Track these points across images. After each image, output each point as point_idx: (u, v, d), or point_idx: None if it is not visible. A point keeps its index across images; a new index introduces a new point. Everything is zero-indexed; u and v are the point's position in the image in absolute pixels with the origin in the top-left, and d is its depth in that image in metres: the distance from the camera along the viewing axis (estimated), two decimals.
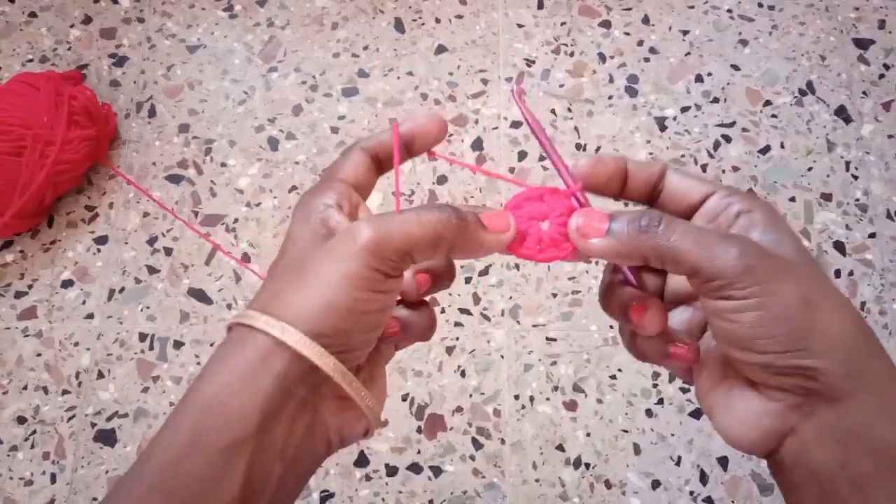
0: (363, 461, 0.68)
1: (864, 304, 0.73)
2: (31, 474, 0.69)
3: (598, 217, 0.29)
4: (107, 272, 0.76)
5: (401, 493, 0.67)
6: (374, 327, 0.28)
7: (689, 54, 0.84)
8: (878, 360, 0.26)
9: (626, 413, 0.69)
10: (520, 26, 0.86)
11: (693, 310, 0.32)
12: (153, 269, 0.76)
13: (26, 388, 0.72)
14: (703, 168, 0.78)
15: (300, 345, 0.25)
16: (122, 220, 0.78)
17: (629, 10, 0.86)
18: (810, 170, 0.78)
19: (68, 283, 0.76)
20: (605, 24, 0.86)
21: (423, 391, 0.71)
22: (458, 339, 0.72)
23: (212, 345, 0.73)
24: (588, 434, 0.69)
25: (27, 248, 0.78)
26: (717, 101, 0.81)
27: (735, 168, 0.78)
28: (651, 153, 0.79)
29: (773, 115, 0.81)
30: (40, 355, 0.73)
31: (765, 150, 0.79)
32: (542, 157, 0.79)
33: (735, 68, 0.83)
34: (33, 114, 0.73)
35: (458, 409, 0.70)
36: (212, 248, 0.77)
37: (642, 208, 0.30)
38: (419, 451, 0.69)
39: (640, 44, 0.85)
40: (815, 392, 0.25)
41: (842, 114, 0.80)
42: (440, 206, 0.28)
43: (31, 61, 0.86)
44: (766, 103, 0.81)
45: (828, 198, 0.77)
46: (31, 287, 0.76)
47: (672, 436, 0.68)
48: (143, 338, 0.73)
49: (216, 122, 0.83)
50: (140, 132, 0.82)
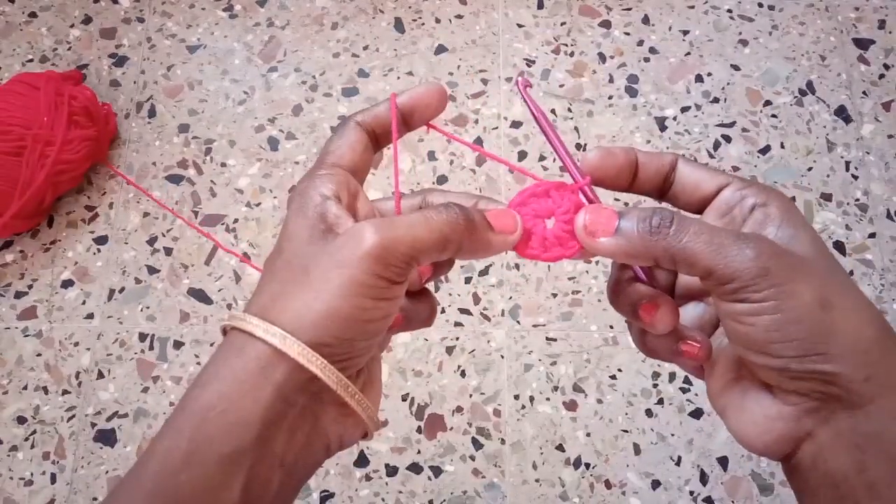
0: (363, 461, 0.68)
1: None
2: (31, 474, 0.69)
3: (607, 214, 0.28)
4: (107, 272, 0.76)
5: (401, 493, 0.67)
6: (376, 333, 0.27)
7: (689, 54, 0.84)
8: None
9: (626, 413, 0.69)
10: (520, 26, 0.86)
11: (705, 306, 0.31)
12: (153, 269, 0.76)
13: (26, 388, 0.72)
14: None
15: (302, 357, 0.25)
16: (122, 220, 0.78)
17: (629, 10, 0.86)
18: (810, 170, 0.78)
19: (68, 283, 0.76)
20: (605, 24, 0.86)
21: (423, 391, 0.70)
22: (458, 339, 0.72)
23: (212, 345, 0.73)
24: (588, 434, 0.69)
25: (27, 248, 0.78)
26: (717, 101, 0.81)
27: (735, 168, 0.78)
28: None
29: (773, 115, 0.81)
30: (40, 355, 0.73)
31: (765, 150, 0.79)
32: (542, 157, 0.79)
33: (735, 68, 0.83)
34: (33, 114, 0.73)
35: (458, 409, 0.70)
36: (212, 248, 0.77)
37: (653, 205, 0.29)
38: (419, 451, 0.69)
39: (640, 44, 0.85)
40: (833, 397, 0.25)
41: (842, 114, 0.80)
42: (447, 206, 0.27)
43: (31, 61, 0.86)
44: (766, 103, 0.81)
45: (828, 198, 0.77)
46: (31, 287, 0.76)
47: (672, 436, 0.68)
48: (143, 338, 0.73)
49: (216, 122, 0.83)
50: (140, 132, 0.82)
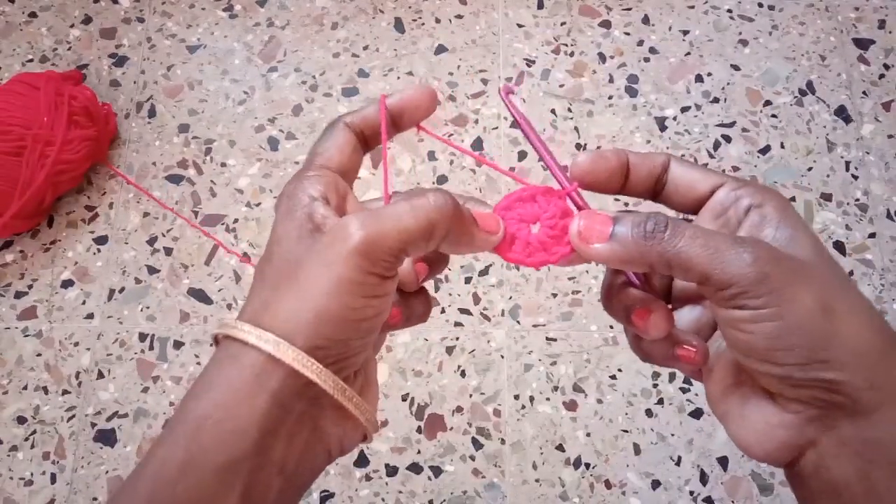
0: (363, 461, 0.68)
1: None
2: (31, 474, 0.69)
3: (602, 220, 0.27)
4: (107, 272, 0.76)
5: (401, 493, 0.67)
6: (371, 331, 0.26)
7: (689, 54, 0.84)
8: None
9: (627, 413, 0.69)
10: (520, 26, 0.86)
11: (702, 308, 0.30)
12: (153, 269, 0.76)
13: (26, 388, 0.72)
14: None
15: (297, 362, 0.24)
16: (122, 220, 0.78)
17: (629, 10, 0.86)
18: (810, 170, 0.78)
19: (68, 283, 0.76)
20: (605, 24, 0.86)
21: (423, 391, 0.70)
22: (458, 339, 0.72)
23: (211, 345, 0.73)
24: (588, 434, 0.69)
25: (27, 248, 0.77)
26: (717, 101, 0.81)
27: (735, 168, 0.78)
28: None
29: (773, 115, 0.81)
30: (40, 355, 0.73)
31: (765, 150, 0.79)
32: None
33: (735, 68, 0.83)
34: (33, 114, 0.73)
35: (458, 409, 0.70)
36: (212, 248, 0.77)
37: (647, 211, 0.29)
38: (419, 451, 0.69)
39: (640, 44, 0.85)
40: (836, 404, 0.24)
41: (842, 114, 0.80)
42: (434, 191, 0.26)
43: (31, 61, 0.86)
44: (766, 103, 0.81)
45: (828, 198, 0.77)
46: (31, 287, 0.76)
47: (672, 436, 0.68)
48: (143, 338, 0.73)
49: (216, 122, 0.83)
50: (140, 132, 0.82)
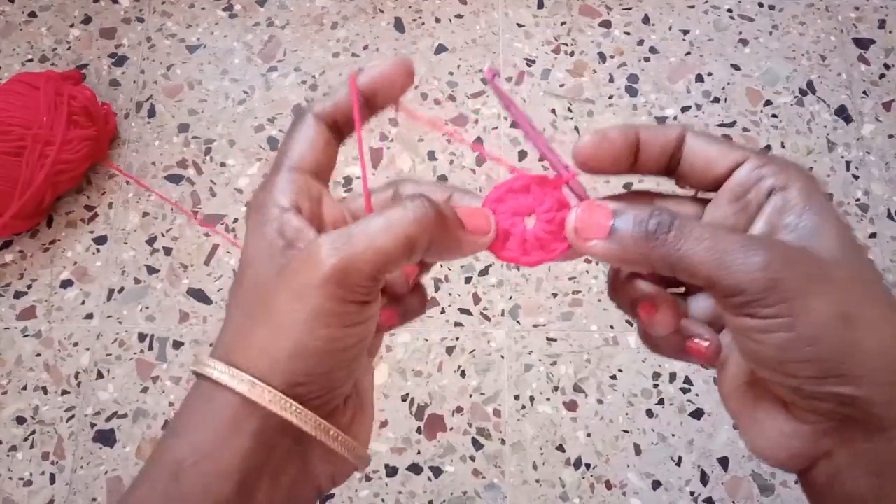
0: None
1: None
2: (31, 474, 0.69)
3: (601, 214, 0.25)
4: (106, 272, 0.76)
5: (401, 493, 0.67)
6: (355, 359, 0.24)
7: (689, 54, 0.84)
8: None
9: (627, 413, 0.69)
10: (520, 26, 0.86)
11: None
12: (153, 269, 0.76)
13: (26, 388, 0.72)
14: None
15: (274, 404, 0.22)
16: (122, 220, 0.78)
17: (629, 9, 0.86)
18: (811, 169, 0.78)
19: (67, 283, 0.76)
20: (606, 24, 0.86)
21: (423, 391, 0.70)
22: (458, 339, 0.72)
23: (211, 345, 0.73)
24: (588, 434, 0.69)
25: (27, 248, 0.77)
26: (717, 100, 0.81)
27: None
28: None
29: (773, 115, 0.80)
30: (40, 355, 0.73)
31: (765, 150, 0.79)
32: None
33: (735, 68, 0.83)
34: (33, 114, 0.73)
35: (458, 410, 0.70)
36: (211, 248, 0.76)
37: (650, 206, 0.26)
38: (419, 452, 0.68)
39: (641, 43, 0.85)
40: (852, 419, 0.23)
41: (842, 114, 0.80)
42: (413, 199, 0.24)
43: (31, 61, 0.86)
44: (767, 103, 0.81)
45: (828, 198, 0.77)
46: (30, 287, 0.76)
47: (673, 436, 0.68)
48: (142, 338, 0.73)
49: (216, 121, 0.82)
50: (140, 132, 0.82)
